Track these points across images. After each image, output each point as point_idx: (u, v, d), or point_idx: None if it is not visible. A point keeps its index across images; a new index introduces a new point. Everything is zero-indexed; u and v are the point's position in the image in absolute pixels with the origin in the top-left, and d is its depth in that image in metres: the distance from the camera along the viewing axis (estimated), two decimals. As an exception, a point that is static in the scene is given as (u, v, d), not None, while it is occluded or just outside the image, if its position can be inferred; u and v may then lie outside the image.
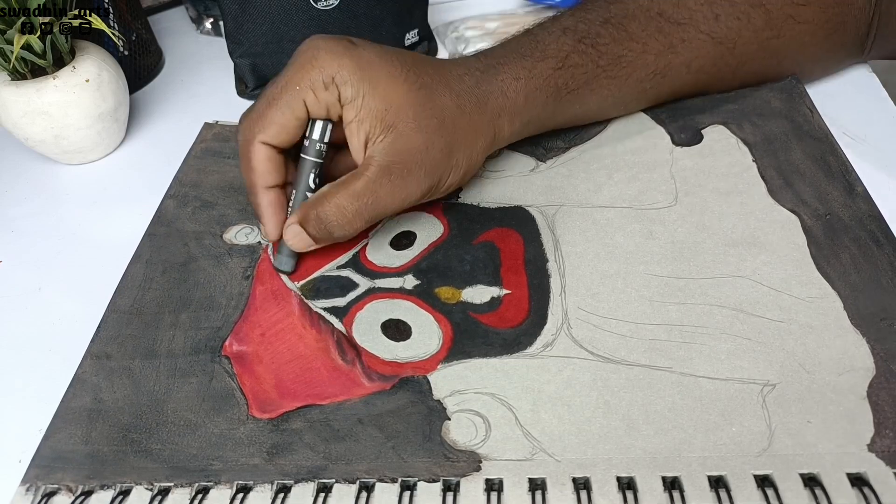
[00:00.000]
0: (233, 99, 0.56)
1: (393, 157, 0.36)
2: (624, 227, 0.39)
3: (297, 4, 0.51)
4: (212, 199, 0.45)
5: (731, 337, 0.34)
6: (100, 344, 0.37)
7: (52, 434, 0.33)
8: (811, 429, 0.30)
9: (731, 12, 0.43)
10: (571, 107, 0.42)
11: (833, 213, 0.38)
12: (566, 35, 0.41)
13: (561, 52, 0.40)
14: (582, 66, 0.41)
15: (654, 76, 0.43)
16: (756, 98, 0.46)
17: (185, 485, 0.30)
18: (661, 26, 0.42)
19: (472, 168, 0.40)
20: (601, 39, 0.41)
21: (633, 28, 0.42)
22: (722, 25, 0.43)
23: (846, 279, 0.35)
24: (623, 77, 0.42)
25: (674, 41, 0.42)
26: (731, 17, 0.43)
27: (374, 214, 0.37)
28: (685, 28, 0.42)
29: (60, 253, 0.44)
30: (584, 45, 0.41)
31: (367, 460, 0.31)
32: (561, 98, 0.41)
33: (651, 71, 0.43)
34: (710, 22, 0.43)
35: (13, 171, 0.52)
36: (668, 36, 0.42)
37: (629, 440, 0.30)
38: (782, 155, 0.42)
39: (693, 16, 0.43)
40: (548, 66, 0.40)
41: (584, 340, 0.34)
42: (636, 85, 0.43)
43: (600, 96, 0.43)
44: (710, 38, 0.43)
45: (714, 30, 0.43)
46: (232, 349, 0.36)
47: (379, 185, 0.36)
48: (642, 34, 0.42)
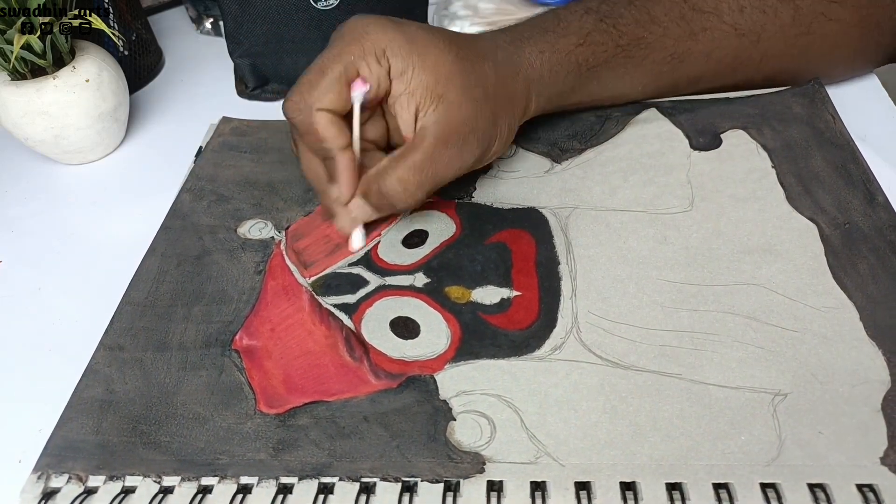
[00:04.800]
0: (233, 99, 0.56)
1: (447, 127, 0.37)
2: (638, 232, 0.39)
3: (297, 4, 0.51)
4: (227, 193, 0.45)
5: (743, 345, 0.33)
6: (113, 335, 0.37)
7: (63, 423, 0.33)
8: (822, 440, 0.29)
9: (758, 5, 0.43)
10: (590, 84, 0.43)
11: (852, 222, 0.38)
12: (588, 14, 0.42)
13: (583, 30, 0.41)
14: (602, 45, 0.42)
15: (672, 60, 0.43)
16: (777, 103, 0.45)
17: (191, 478, 0.31)
18: (683, 13, 0.42)
19: (511, 135, 0.41)
20: (623, 20, 0.42)
21: (657, 12, 0.42)
22: (746, 17, 0.43)
23: (863, 290, 0.34)
24: (640, 58, 0.43)
25: (695, 29, 0.43)
26: (756, 9, 0.43)
27: (434, 185, 0.38)
28: (708, 17, 0.43)
29: (60, 253, 0.45)
30: (605, 25, 0.42)
31: (372, 459, 0.31)
32: (581, 74, 0.42)
33: (669, 54, 0.43)
34: (735, 13, 0.43)
35: (13, 171, 0.52)
36: (689, 23, 0.43)
37: (635, 446, 0.30)
38: (802, 161, 0.41)
39: (718, 5, 0.43)
40: (570, 42, 0.41)
41: (593, 345, 0.34)
42: (653, 67, 0.44)
43: (617, 75, 0.43)
44: (734, 29, 0.43)
45: (738, 21, 0.43)
46: (242, 343, 0.36)
47: (438, 155, 0.37)
48: (664, 18, 0.42)
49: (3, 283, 0.43)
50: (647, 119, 0.46)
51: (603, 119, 0.46)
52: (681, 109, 0.46)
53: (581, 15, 0.42)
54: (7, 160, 0.53)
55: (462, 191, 0.43)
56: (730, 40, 0.43)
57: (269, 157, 0.48)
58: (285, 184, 0.46)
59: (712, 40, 0.43)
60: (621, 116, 0.46)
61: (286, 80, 0.55)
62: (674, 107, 0.46)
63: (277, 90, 0.55)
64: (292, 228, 0.42)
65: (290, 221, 0.43)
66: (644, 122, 0.46)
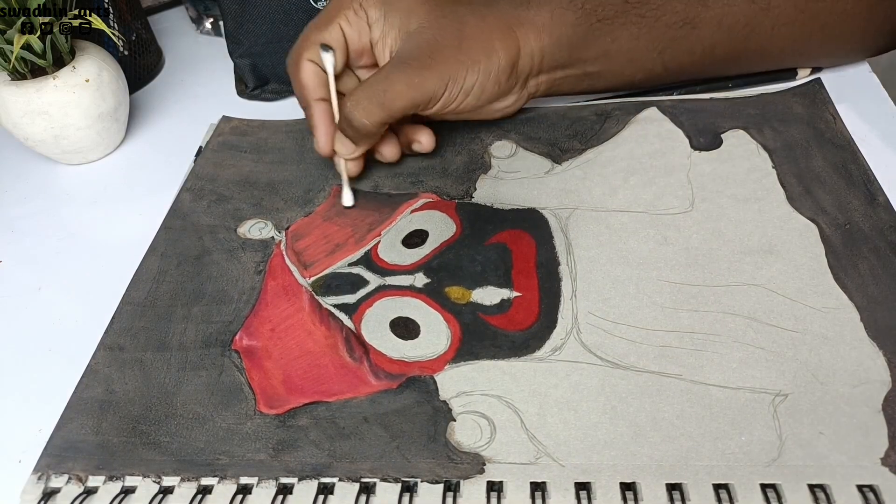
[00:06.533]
0: (233, 99, 0.56)
1: (407, 52, 0.40)
2: (638, 232, 0.39)
3: (297, 4, 0.51)
4: (227, 192, 0.45)
5: (743, 345, 0.33)
6: (113, 335, 0.37)
7: (64, 424, 0.33)
8: (823, 440, 0.29)
9: None
10: (603, 38, 0.43)
11: (853, 222, 0.37)
12: None
13: None
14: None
15: (684, 25, 0.43)
16: (778, 103, 0.45)
17: (191, 479, 0.31)
18: None
19: (495, 80, 0.41)
20: None
21: None
22: None
23: (864, 290, 0.34)
24: (652, 18, 0.43)
25: None
26: None
27: (389, 104, 0.39)
28: None
29: (60, 253, 0.45)
30: None
31: (371, 459, 0.31)
32: (591, 25, 0.42)
33: (680, 18, 0.43)
34: None
35: (13, 171, 0.52)
36: None
37: (635, 447, 0.30)
38: (803, 162, 0.41)
39: None
40: None
41: (593, 345, 0.34)
42: (666, 30, 0.43)
43: (631, 34, 0.43)
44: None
45: None
46: (242, 344, 0.36)
47: (392, 75, 0.39)
48: None
49: (3, 283, 0.43)
50: (647, 118, 0.46)
51: (603, 118, 0.46)
52: (681, 109, 0.46)
53: None
54: (7, 160, 0.53)
55: (462, 191, 0.43)
56: (741, 6, 0.43)
57: (270, 156, 0.48)
58: (285, 184, 0.46)
59: (722, 6, 0.43)
60: (621, 115, 0.46)
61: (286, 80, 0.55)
62: (674, 106, 0.46)
63: (277, 90, 0.55)
64: (292, 228, 0.42)
65: (290, 221, 0.43)
66: (645, 121, 0.46)
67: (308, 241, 0.41)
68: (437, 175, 0.44)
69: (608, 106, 0.47)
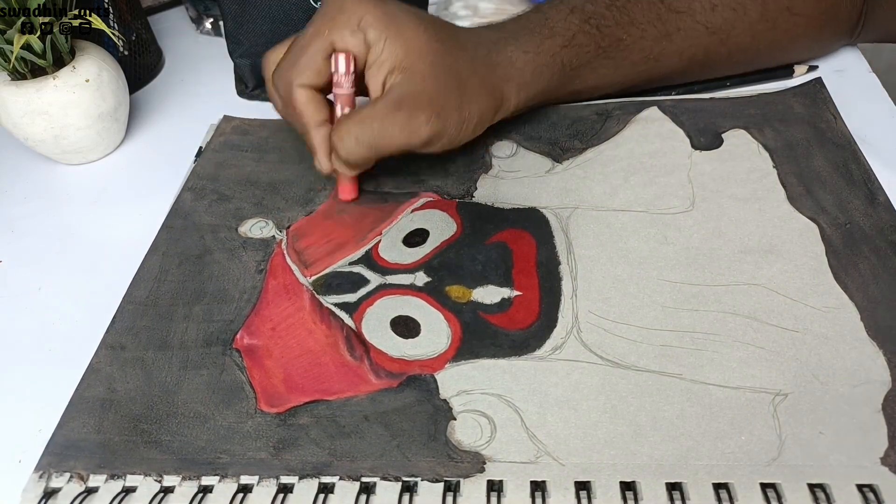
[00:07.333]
0: (233, 99, 0.56)
1: (403, 93, 0.38)
2: (638, 232, 0.39)
3: (297, 4, 0.51)
4: (228, 192, 0.45)
5: (743, 345, 0.33)
6: (115, 335, 0.37)
7: (65, 423, 0.33)
8: (823, 440, 0.29)
9: (728, 3, 0.43)
10: (572, 83, 0.44)
11: (853, 222, 0.38)
12: (574, 14, 0.43)
13: (568, 32, 0.42)
14: (586, 47, 0.42)
15: (649, 60, 0.44)
16: (779, 103, 0.45)
17: (192, 478, 0.31)
18: (660, 13, 0.43)
19: (479, 129, 0.42)
20: (605, 21, 0.43)
21: (636, 13, 0.43)
22: (718, 16, 0.43)
23: (864, 290, 0.34)
24: (620, 59, 0.44)
25: (670, 29, 0.43)
26: (727, 7, 0.43)
27: (375, 144, 0.38)
28: (682, 17, 0.43)
29: (60, 253, 0.44)
30: (588, 26, 0.42)
31: (372, 458, 0.31)
32: (565, 74, 0.43)
33: (646, 55, 0.44)
34: (707, 12, 0.43)
35: (13, 171, 0.52)
36: (665, 23, 0.43)
37: (635, 446, 0.30)
38: (803, 161, 0.41)
39: (691, 5, 0.43)
40: (555, 43, 0.42)
41: (593, 345, 0.34)
42: (631, 67, 0.45)
43: (598, 75, 0.44)
44: (705, 28, 0.44)
45: (709, 20, 0.43)
46: (243, 342, 0.36)
47: (385, 114, 0.38)
48: (643, 20, 0.43)
49: (3, 283, 0.43)
50: (648, 118, 0.46)
51: (604, 118, 0.46)
52: (682, 109, 0.46)
53: (566, 15, 0.43)
54: (7, 160, 0.53)
55: (463, 190, 0.43)
56: (701, 38, 0.44)
57: (271, 156, 0.48)
58: (286, 183, 0.46)
59: (685, 39, 0.44)
60: (622, 115, 0.46)
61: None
62: (675, 106, 0.46)
63: (278, 90, 0.55)
64: (293, 228, 0.42)
65: (291, 221, 0.43)
66: (645, 121, 0.46)
67: (309, 240, 0.41)
68: (438, 174, 0.44)
69: (609, 105, 0.47)
